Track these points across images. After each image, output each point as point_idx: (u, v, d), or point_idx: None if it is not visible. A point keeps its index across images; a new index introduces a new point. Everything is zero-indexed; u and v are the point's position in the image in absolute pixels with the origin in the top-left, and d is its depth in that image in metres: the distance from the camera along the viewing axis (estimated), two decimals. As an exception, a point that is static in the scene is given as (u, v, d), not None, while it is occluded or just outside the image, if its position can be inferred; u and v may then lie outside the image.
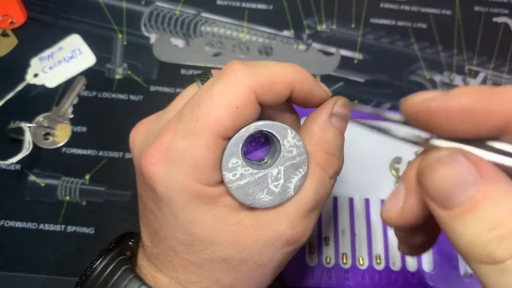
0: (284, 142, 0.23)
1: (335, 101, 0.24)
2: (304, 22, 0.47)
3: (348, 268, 0.34)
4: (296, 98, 0.23)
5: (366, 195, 0.37)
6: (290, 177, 0.23)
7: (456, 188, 0.16)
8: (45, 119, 0.42)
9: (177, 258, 0.23)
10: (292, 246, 0.24)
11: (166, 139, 0.21)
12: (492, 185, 0.15)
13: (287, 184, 0.23)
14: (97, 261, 0.25)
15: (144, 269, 0.25)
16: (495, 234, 0.14)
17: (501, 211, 0.15)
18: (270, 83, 0.22)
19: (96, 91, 0.43)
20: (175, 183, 0.21)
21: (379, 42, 0.47)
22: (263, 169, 0.22)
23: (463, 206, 0.15)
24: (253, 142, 0.24)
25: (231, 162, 0.22)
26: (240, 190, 0.22)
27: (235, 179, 0.22)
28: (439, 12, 0.48)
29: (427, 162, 0.17)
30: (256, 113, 0.22)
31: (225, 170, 0.22)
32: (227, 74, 0.22)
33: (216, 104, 0.21)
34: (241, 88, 0.21)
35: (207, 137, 0.21)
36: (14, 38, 0.45)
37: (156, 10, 0.47)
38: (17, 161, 0.39)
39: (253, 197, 0.22)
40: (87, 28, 0.46)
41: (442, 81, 0.45)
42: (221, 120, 0.21)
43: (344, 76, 0.45)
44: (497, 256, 0.14)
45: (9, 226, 0.38)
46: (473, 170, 0.15)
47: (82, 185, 0.39)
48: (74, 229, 0.38)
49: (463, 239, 0.15)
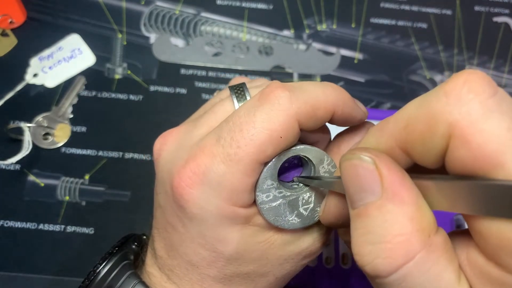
0: (319, 167, 0.23)
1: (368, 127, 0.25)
2: (304, 22, 0.47)
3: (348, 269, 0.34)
4: (335, 120, 0.23)
5: (366, 195, 0.37)
6: (319, 201, 0.23)
7: (359, 193, 0.16)
8: (44, 119, 0.42)
9: (195, 273, 0.23)
10: (309, 258, 0.25)
11: (204, 161, 0.21)
12: (386, 200, 0.16)
13: (316, 208, 0.23)
14: (101, 265, 0.25)
15: (153, 278, 0.24)
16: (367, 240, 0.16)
17: (378, 224, 0.16)
18: (313, 110, 0.21)
19: (96, 91, 0.43)
20: (210, 206, 0.21)
21: (379, 42, 0.46)
22: (295, 192, 0.23)
23: (359, 210, 0.16)
24: (286, 163, 0.24)
25: (266, 184, 0.22)
26: (271, 211, 0.22)
27: (268, 201, 0.22)
28: (439, 12, 0.48)
29: (346, 157, 0.17)
30: (297, 139, 0.22)
31: (259, 191, 0.22)
32: (270, 101, 0.21)
33: (259, 132, 0.20)
34: (285, 117, 0.21)
35: (247, 164, 0.21)
36: (13, 38, 0.45)
37: (156, 10, 0.47)
38: (17, 161, 0.39)
39: (282, 219, 0.23)
40: (87, 28, 0.46)
41: (443, 81, 0.45)
42: (263, 148, 0.21)
43: (344, 76, 0.45)
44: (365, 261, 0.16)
45: (9, 226, 0.38)
46: (377, 180, 0.16)
47: (82, 185, 0.39)
48: (74, 229, 0.38)
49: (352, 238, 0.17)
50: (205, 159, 0.21)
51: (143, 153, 0.41)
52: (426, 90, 0.44)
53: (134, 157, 0.41)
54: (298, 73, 0.45)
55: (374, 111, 0.42)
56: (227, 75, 0.44)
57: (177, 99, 0.43)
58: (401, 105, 0.44)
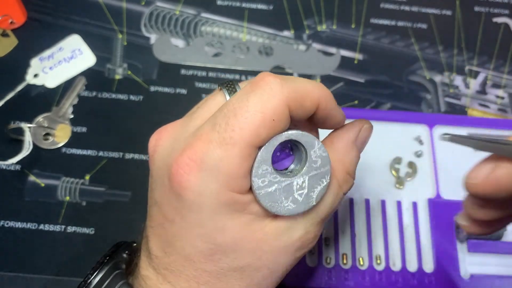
0: (311, 152, 0.23)
1: (362, 125, 0.26)
2: (304, 22, 0.47)
3: (348, 269, 0.34)
4: (318, 115, 0.24)
5: (366, 195, 0.37)
6: (313, 187, 0.24)
7: None
8: (45, 119, 0.42)
9: (191, 268, 0.23)
10: (302, 251, 0.25)
11: (200, 148, 0.21)
12: None
13: (310, 193, 0.24)
14: (92, 276, 0.25)
15: (149, 281, 0.24)
16: None
17: None
18: (302, 98, 0.23)
19: (96, 91, 0.43)
20: (208, 191, 0.22)
21: (379, 42, 0.46)
22: (289, 177, 0.23)
23: None
24: (278, 152, 0.24)
25: (262, 168, 0.22)
26: (267, 197, 0.23)
27: (263, 186, 0.23)
28: (439, 12, 0.48)
29: None
30: (287, 125, 0.23)
31: (255, 176, 0.22)
32: (262, 87, 0.22)
33: (253, 115, 0.21)
34: (277, 101, 0.22)
35: (243, 147, 0.21)
36: (14, 38, 0.45)
37: (156, 10, 0.47)
38: (17, 161, 0.39)
39: (278, 205, 0.23)
40: (87, 28, 0.46)
41: (442, 81, 0.45)
42: (258, 131, 0.21)
43: (344, 76, 0.45)
44: None
45: (9, 226, 0.38)
46: None
47: (82, 186, 0.39)
48: (74, 229, 0.38)
49: None
50: (201, 146, 0.21)
51: (144, 153, 0.41)
52: (426, 91, 0.44)
53: (134, 158, 0.41)
54: (298, 73, 0.45)
55: (374, 111, 0.42)
56: (227, 75, 0.44)
57: (177, 100, 0.43)
58: (401, 105, 0.44)
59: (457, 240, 0.36)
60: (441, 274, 0.35)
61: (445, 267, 0.35)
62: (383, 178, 0.38)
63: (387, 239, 0.36)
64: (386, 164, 0.38)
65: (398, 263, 0.35)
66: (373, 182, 0.38)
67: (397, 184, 0.38)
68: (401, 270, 0.35)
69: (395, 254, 0.35)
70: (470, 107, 0.44)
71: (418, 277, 0.34)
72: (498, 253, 0.35)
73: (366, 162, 0.38)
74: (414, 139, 0.39)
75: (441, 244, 0.35)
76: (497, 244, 0.35)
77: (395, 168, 0.38)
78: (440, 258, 0.35)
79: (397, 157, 0.39)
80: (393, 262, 0.35)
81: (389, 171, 0.38)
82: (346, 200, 0.37)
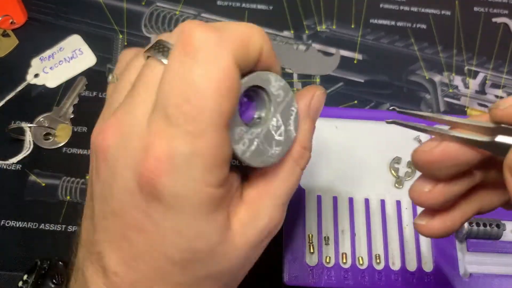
0: (270, 89, 0.22)
1: (314, 92, 0.24)
2: (304, 22, 0.47)
3: (347, 268, 0.34)
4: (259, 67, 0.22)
5: (365, 195, 0.37)
6: (287, 120, 0.23)
7: None
8: (45, 119, 0.42)
9: (161, 282, 0.21)
10: (269, 238, 0.24)
11: (163, 147, 0.19)
12: None
13: (287, 127, 0.23)
14: None
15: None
16: None
17: None
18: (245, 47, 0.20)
19: (97, 91, 0.43)
20: (185, 191, 0.19)
21: (379, 42, 0.47)
22: (263, 124, 0.22)
23: None
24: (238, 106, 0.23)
25: (236, 132, 0.21)
26: (254, 156, 0.22)
27: (246, 148, 0.21)
28: (439, 13, 0.48)
29: None
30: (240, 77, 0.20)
31: (234, 143, 0.21)
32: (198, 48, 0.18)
33: (206, 92, 0.18)
34: (224, 62, 0.18)
35: (212, 134, 0.19)
36: (14, 38, 0.45)
37: (156, 10, 0.47)
38: (18, 161, 0.39)
39: (267, 156, 0.22)
40: (88, 29, 0.46)
41: (442, 81, 0.45)
42: (220, 109, 0.18)
43: (344, 76, 0.45)
44: None
45: (10, 226, 0.38)
46: None
47: (83, 185, 0.39)
48: (75, 229, 0.38)
49: None
50: (165, 144, 0.19)
51: (144, 153, 0.41)
52: (426, 90, 0.44)
53: (134, 157, 0.41)
54: (298, 73, 0.45)
55: (373, 111, 0.42)
56: (227, 75, 0.45)
57: (178, 100, 0.43)
58: (401, 105, 0.44)
59: (456, 239, 0.36)
60: (440, 273, 0.35)
61: (444, 267, 0.35)
62: (382, 178, 0.38)
63: (386, 239, 0.36)
64: (386, 164, 0.39)
65: (398, 262, 0.35)
66: (372, 182, 0.38)
67: (396, 184, 0.38)
68: (400, 269, 0.35)
69: (395, 253, 0.35)
70: (469, 107, 0.44)
71: (417, 276, 0.35)
72: (497, 253, 0.36)
73: (365, 161, 0.38)
74: (414, 139, 0.39)
75: (440, 243, 0.35)
76: (496, 244, 0.36)
77: (395, 168, 0.38)
78: (439, 257, 0.35)
79: (397, 157, 0.39)
80: (393, 262, 0.35)
81: (388, 171, 0.38)
82: (346, 199, 0.37)
